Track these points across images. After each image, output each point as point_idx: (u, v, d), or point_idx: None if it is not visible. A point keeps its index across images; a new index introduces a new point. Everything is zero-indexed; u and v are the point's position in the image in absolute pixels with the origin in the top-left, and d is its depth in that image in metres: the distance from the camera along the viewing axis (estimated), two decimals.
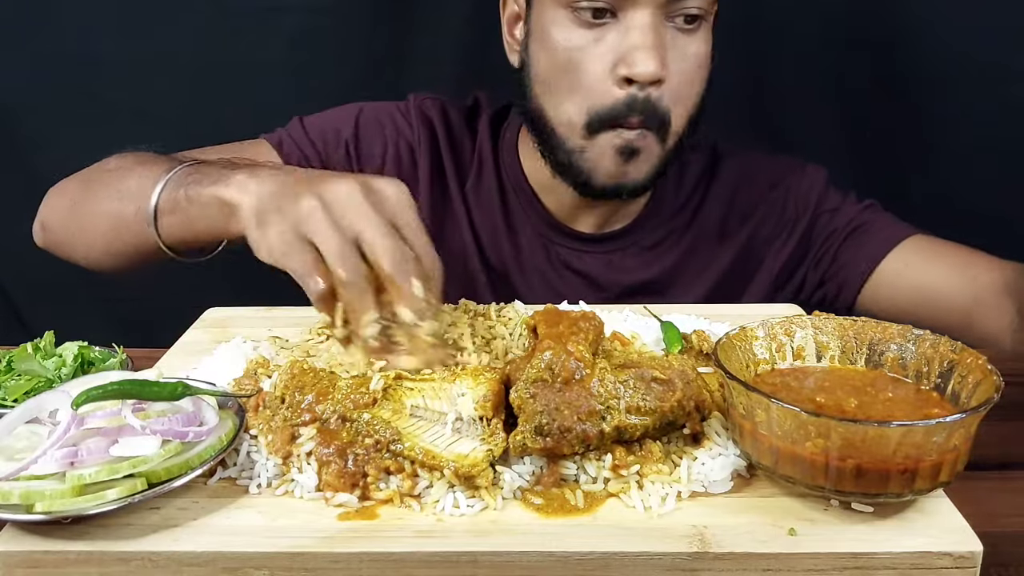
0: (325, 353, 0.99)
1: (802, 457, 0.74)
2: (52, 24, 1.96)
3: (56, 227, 1.36)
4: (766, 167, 1.52)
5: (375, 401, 0.84)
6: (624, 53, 1.23)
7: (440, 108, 1.51)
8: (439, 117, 1.50)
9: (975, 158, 1.95)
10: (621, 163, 1.29)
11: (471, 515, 0.76)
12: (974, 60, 1.88)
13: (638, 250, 1.47)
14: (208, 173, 1.07)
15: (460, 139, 1.51)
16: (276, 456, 0.82)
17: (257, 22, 1.95)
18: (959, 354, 0.82)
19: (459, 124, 1.52)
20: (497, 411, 0.83)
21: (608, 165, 1.29)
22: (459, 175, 1.49)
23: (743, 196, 1.50)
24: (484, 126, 1.51)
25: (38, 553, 0.73)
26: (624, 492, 0.79)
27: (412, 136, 1.48)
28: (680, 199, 1.50)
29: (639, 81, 1.22)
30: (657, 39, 1.22)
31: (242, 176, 1.01)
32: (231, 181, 1.02)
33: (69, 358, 1.09)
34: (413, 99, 1.51)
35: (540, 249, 1.48)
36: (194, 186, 1.07)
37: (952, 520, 0.75)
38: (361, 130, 1.48)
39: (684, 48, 1.26)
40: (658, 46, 1.22)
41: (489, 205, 1.49)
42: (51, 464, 0.75)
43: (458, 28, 1.98)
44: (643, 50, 1.21)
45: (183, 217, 1.09)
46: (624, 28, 1.23)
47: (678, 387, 0.82)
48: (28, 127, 2.01)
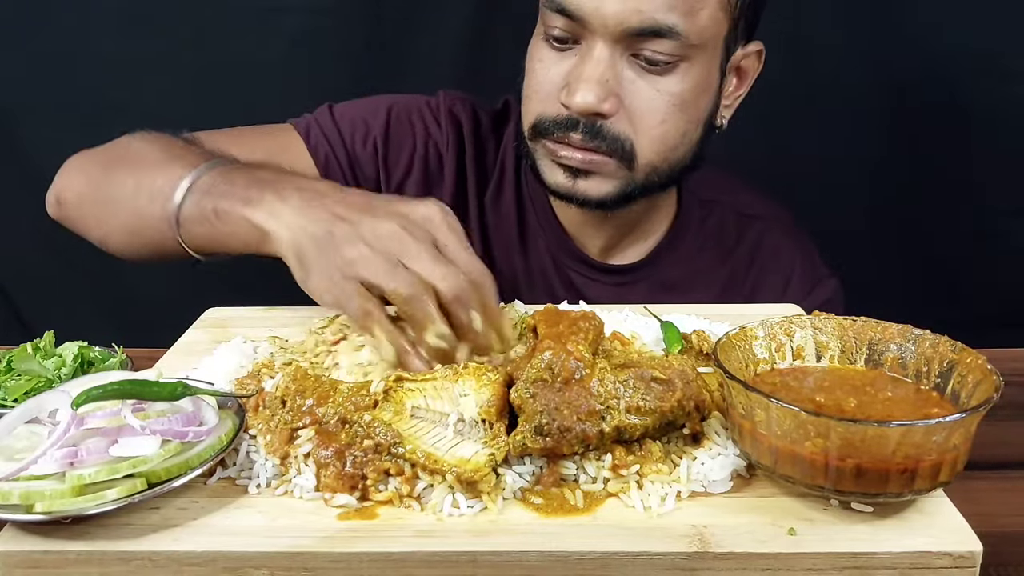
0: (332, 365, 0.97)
1: (802, 457, 0.74)
2: (52, 24, 1.96)
3: (72, 204, 1.30)
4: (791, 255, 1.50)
5: (376, 403, 0.84)
6: (570, 80, 1.23)
7: (471, 111, 1.48)
8: (468, 120, 1.47)
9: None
10: (569, 176, 1.29)
11: (471, 515, 0.76)
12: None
13: (648, 287, 1.46)
14: (235, 185, 1.06)
15: (485, 146, 1.49)
16: (274, 456, 0.82)
17: (257, 22, 1.95)
18: (959, 354, 0.82)
19: (487, 129, 1.49)
20: (501, 415, 0.83)
21: (555, 175, 1.30)
22: (479, 184, 1.47)
23: (760, 269, 1.49)
24: (510, 134, 1.49)
25: (38, 553, 0.73)
26: (624, 492, 0.79)
27: (441, 138, 1.46)
28: (698, 243, 1.49)
29: (573, 111, 1.23)
30: (607, 72, 1.21)
31: (271, 198, 1.00)
32: (261, 204, 1.00)
33: (69, 358, 1.09)
34: (444, 97, 1.48)
35: (551, 269, 1.46)
36: (222, 201, 1.05)
37: (952, 520, 0.75)
38: (392, 128, 1.45)
39: (652, 84, 1.23)
40: (603, 80, 1.20)
41: (506, 218, 1.47)
42: (51, 464, 0.75)
43: (458, 28, 1.98)
44: (584, 81, 1.20)
45: (212, 231, 1.07)
46: (580, 56, 1.23)
47: (678, 387, 0.82)
48: (28, 127, 2.01)
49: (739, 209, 1.52)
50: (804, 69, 1.96)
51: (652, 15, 1.17)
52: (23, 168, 2.01)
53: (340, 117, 1.44)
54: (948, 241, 2.08)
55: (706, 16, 1.21)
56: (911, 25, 1.94)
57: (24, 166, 2.01)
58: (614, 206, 1.32)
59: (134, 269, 2.07)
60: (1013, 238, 2.05)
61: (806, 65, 1.96)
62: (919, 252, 2.10)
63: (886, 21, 1.94)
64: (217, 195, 1.06)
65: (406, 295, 0.89)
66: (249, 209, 1.01)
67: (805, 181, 2.00)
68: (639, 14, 1.17)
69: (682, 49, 1.21)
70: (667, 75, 1.23)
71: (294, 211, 0.98)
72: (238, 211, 1.02)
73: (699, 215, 1.49)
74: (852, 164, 2.04)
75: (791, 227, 1.54)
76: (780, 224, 1.53)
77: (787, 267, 1.49)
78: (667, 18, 1.18)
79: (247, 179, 1.06)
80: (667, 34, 1.19)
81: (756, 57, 1.36)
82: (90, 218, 1.28)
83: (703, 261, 1.48)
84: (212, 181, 1.09)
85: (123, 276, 2.09)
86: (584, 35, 1.22)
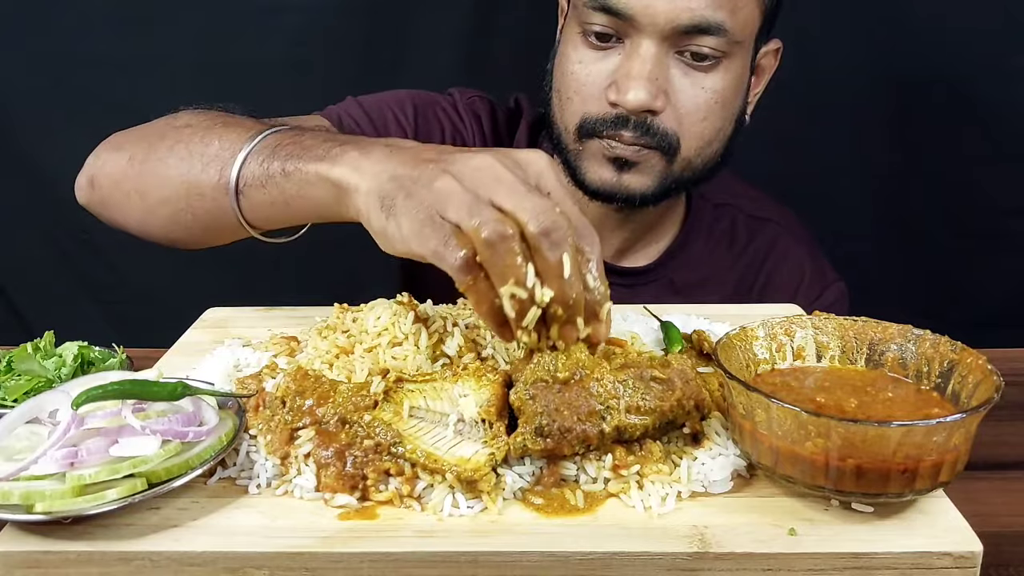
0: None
1: (802, 457, 0.74)
2: (51, 24, 1.96)
3: (108, 185, 1.18)
4: (801, 259, 1.50)
5: (376, 404, 0.84)
6: (618, 78, 1.24)
7: (489, 108, 1.50)
8: (488, 117, 1.48)
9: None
10: (614, 170, 1.29)
11: (471, 515, 0.76)
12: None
13: (658, 289, 1.46)
14: (308, 146, 0.96)
15: (503, 142, 1.49)
16: (274, 456, 0.82)
17: (257, 22, 1.96)
18: (959, 354, 0.82)
19: (504, 126, 1.50)
20: (500, 415, 0.83)
21: (600, 171, 1.30)
22: None
23: (770, 272, 1.50)
24: (523, 133, 1.50)
25: (38, 553, 0.73)
26: (624, 492, 0.79)
27: (465, 131, 1.46)
28: (709, 246, 1.49)
29: (625, 108, 1.23)
30: (656, 70, 1.22)
31: (354, 153, 0.90)
32: (342, 159, 0.90)
33: (69, 358, 1.09)
34: (460, 94, 1.49)
35: None
36: (292, 160, 0.95)
37: (952, 520, 0.75)
38: (420, 116, 1.45)
39: (697, 81, 1.25)
40: (653, 77, 1.22)
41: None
42: (51, 464, 0.75)
43: (458, 28, 1.98)
44: (635, 79, 1.21)
45: (277, 193, 0.97)
46: (626, 54, 1.24)
47: (677, 386, 0.82)
48: (28, 127, 2.02)
49: (749, 212, 1.53)
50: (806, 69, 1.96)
51: (702, 12, 1.19)
52: (23, 168, 2.01)
53: (368, 106, 1.43)
54: (948, 241, 2.08)
55: (747, 12, 1.24)
56: (913, 25, 1.94)
57: (24, 166, 2.01)
58: (654, 200, 1.33)
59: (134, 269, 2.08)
60: (1013, 238, 2.05)
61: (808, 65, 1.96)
62: (919, 252, 2.10)
63: (888, 21, 1.94)
64: (284, 156, 0.97)
65: (488, 235, 0.76)
66: (326, 164, 0.91)
67: (805, 181, 2.00)
68: (690, 11, 1.19)
69: (727, 45, 1.23)
70: (711, 72, 1.25)
71: (378, 161, 0.87)
72: (312, 168, 0.93)
73: (710, 218, 1.50)
74: (852, 163, 2.04)
75: (800, 230, 1.55)
76: (790, 228, 1.53)
77: (797, 270, 1.49)
78: (715, 15, 1.20)
79: (321, 139, 0.97)
80: (715, 31, 1.21)
81: (774, 55, 1.38)
82: (131, 197, 1.15)
83: (714, 264, 1.49)
84: (278, 141, 1.00)
85: (123, 276, 2.09)
86: (629, 32, 1.23)
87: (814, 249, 1.53)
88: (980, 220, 2.06)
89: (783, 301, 1.36)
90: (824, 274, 1.51)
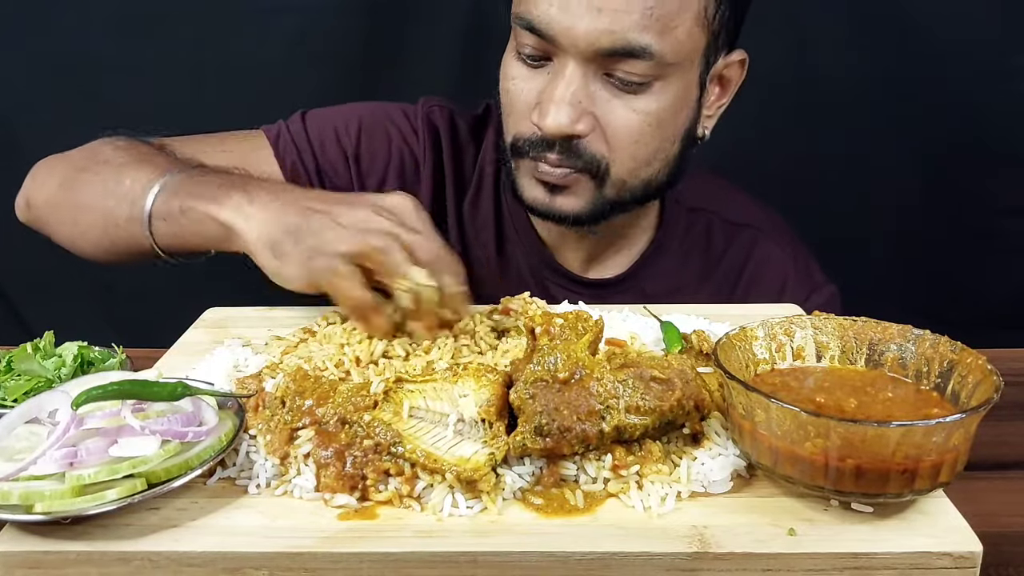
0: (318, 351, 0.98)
1: (802, 457, 0.74)
2: (51, 24, 1.96)
3: (42, 207, 1.32)
4: (783, 264, 1.44)
5: (375, 404, 0.84)
6: (542, 100, 1.20)
7: (448, 117, 1.44)
8: (446, 127, 1.43)
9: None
10: (546, 192, 1.26)
11: (471, 515, 0.76)
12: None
13: (629, 300, 1.38)
14: (204, 186, 1.09)
15: (464, 151, 1.45)
16: (274, 456, 0.82)
17: (257, 22, 1.95)
18: (959, 354, 0.82)
19: (465, 135, 1.45)
20: (500, 415, 0.83)
21: (534, 192, 1.27)
22: (457, 192, 1.43)
23: (749, 280, 1.44)
24: (490, 138, 1.45)
25: (38, 553, 0.73)
26: (624, 492, 0.79)
27: (417, 146, 1.42)
28: (681, 255, 1.44)
29: (545, 132, 1.19)
30: (580, 92, 1.17)
31: (238, 197, 1.03)
32: (227, 201, 1.03)
33: (69, 358, 1.09)
34: (422, 104, 1.45)
35: (530, 281, 1.42)
36: (189, 199, 1.08)
37: (952, 520, 0.75)
38: (364, 140, 1.41)
39: (628, 104, 1.19)
40: (575, 100, 1.16)
41: (484, 228, 1.43)
42: (51, 464, 0.75)
43: (457, 28, 1.99)
44: (556, 103, 1.16)
45: (177, 228, 1.10)
46: (552, 75, 1.19)
47: (677, 386, 0.82)
48: (27, 127, 2.01)
49: (727, 217, 1.46)
50: (802, 69, 1.97)
51: (624, 35, 1.12)
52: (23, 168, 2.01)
53: (311, 124, 1.41)
54: (948, 241, 2.08)
55: (682, 33, 1.16)
56: (910, 25, 1.94)
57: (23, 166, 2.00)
58: (589, 222, 1.30)
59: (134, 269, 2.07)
60: (1013, 238, 2.05)
61: (804, 65, 1.96)
62: (919, 252, 2.10)
63: (887, 21, 1.94)
64: (184, 195, 1.09)
65: (381, 245, 0.94)
66: (215, 207, 1.04)
67: (804, 181, 2.00)
68: (611, 35, 1.12)
69: (657, 69, 1.16)
70: (642, 94, 1.19)
71: (262, 207, 1.01)
72: (203, 208, 1.05)
73: (684, 225, 1.45)
74: (852, 163, 2.04)
75: (784, 234, 1.48)
76: (772, 231, 1.47)
77: (779, 277, 1.44)
78: (640, 38, 1.13)
79: (216, 180, 1.10)
80: (640, 54, 1.14)
81: (739, 66, 1.31)
82: (61, 221, 1.29)
83: (687, 273, 1.44)
84: (181, 182, 1.12)
85: (123, 276, 2.09)
86: (556, 53, 1.18)
87: (800, 253, 1.46)
88: (980, 220, 2.06)
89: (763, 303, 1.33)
90: (811, 278, 1.44)
